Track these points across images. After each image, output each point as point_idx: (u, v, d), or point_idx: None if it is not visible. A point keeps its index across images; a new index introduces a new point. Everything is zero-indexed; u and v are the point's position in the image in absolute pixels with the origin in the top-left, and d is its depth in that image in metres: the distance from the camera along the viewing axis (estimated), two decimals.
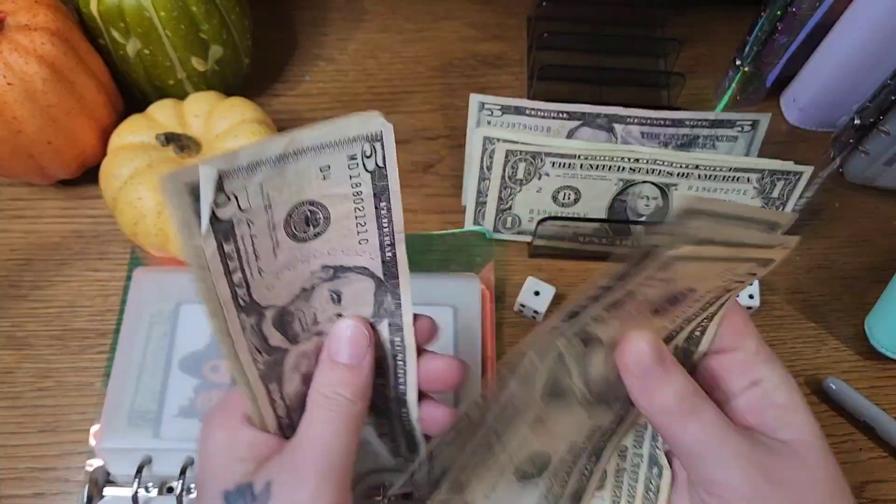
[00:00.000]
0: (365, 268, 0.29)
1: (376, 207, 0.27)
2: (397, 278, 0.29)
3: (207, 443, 0.28)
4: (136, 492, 0.40)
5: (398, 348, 0.30)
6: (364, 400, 0.29)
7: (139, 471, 0.40)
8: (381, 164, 0.26)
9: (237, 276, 0.25)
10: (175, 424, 0.42)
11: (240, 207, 0.24)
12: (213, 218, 0.23)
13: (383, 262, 0.28)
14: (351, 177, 0.26)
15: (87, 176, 0.51)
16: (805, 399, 0.28)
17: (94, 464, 0.42)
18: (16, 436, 0.44)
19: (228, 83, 0.54)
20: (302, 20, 0.62)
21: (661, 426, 0.27)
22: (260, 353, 0.27)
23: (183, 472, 0.40)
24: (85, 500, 0.41)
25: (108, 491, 0.41)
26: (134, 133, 0.47)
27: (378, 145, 0.26)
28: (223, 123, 0.47)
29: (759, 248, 0.25)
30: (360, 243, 0.28)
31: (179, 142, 0.45)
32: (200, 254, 0.23)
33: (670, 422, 0.27)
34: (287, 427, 0.29)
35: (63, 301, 0.48)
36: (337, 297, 0.29)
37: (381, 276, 0.29)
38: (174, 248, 0.45)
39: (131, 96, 0.53)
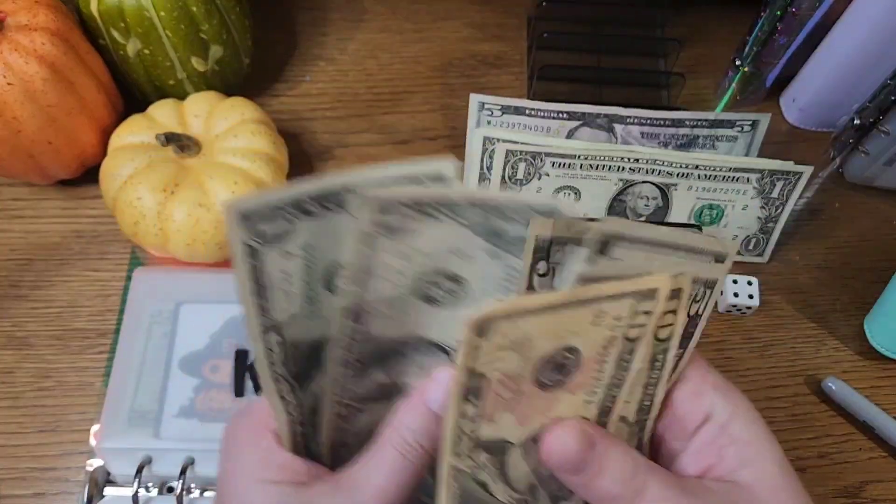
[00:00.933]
0: None
1: None
2: None
3: (234, 461, 0.27)
4: (137, 492, 0.40)
5: None
6: (435, 452, 0.27)
7: (139, 471, 0.40)
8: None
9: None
10: (175, 424, 0.42)
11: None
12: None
13: None
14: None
15: (87, 176, 0.51)
16: (767, 427, 0.26)
17: (94, 464, 0.42)
18: (16, 436, 0.44)
19: (228, 83, 0.54)
20: (302, 20, 0.62)
21: None
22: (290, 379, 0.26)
23: (183, 471, 0.40)
24: (85, 500, 0.41)
25: (108, 491, 0.41)
26: (134, 133, 0.47)
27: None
28: (223, 123, 0.48)
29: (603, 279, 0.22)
30: None
31: (179, 142, 0.45)
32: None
33: None
34: (302, 447, 0.28)
35: (63, 301, 0.48)
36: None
37: None
38: (174, 248, 0.45)
39: (131, 96, 0.53)
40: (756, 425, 0.26)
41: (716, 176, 0.48)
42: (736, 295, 0.49)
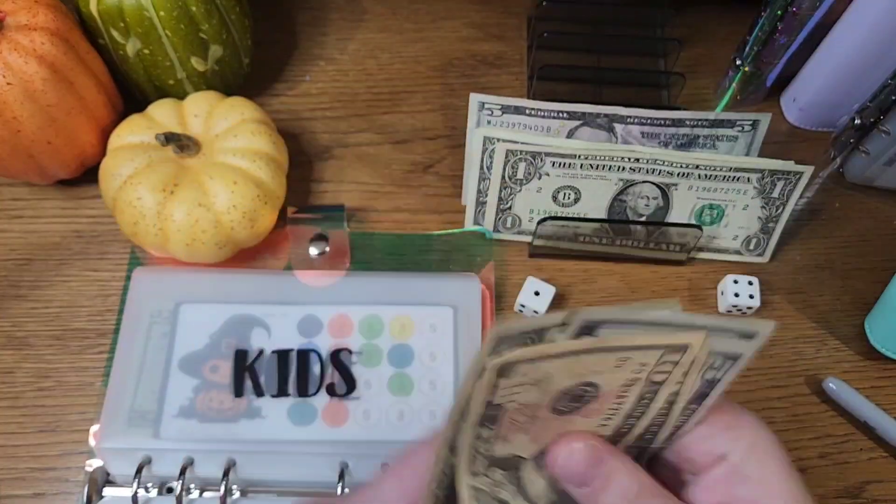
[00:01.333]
0: None
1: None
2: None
3: None
4: (136, 492, 0.40)
5: None
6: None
7: (139, 471, 0.40)
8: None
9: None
10: (175, 424, 0.42)
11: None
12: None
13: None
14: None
15: (87, 176, 0.51)
16: (785, 462, 0.25)
17: (93, 464, 0.42)
18: (16, 436, 0.44)
19: (228, 83, 0.54)
20: (302, 20, 0.62)
21: None
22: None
23: (182, 472, 0.40)
24: (84, 500, 0.41)
25: (108, 491, 0.41)
26: (134, 133, 0.47)
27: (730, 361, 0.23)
28: (223, 123, 0.48)
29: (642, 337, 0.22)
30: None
31: (179, 141, 0.45)
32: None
33: None
34: None
35: (63, 301, 0.48)
36: None
37: None
38: (173, 247, 0.45)
39: (131, 96, 0.53)
40: (772, 462, 0.25)
41: (716, 176, 0.48)
42: (736, 295, 0.49)
